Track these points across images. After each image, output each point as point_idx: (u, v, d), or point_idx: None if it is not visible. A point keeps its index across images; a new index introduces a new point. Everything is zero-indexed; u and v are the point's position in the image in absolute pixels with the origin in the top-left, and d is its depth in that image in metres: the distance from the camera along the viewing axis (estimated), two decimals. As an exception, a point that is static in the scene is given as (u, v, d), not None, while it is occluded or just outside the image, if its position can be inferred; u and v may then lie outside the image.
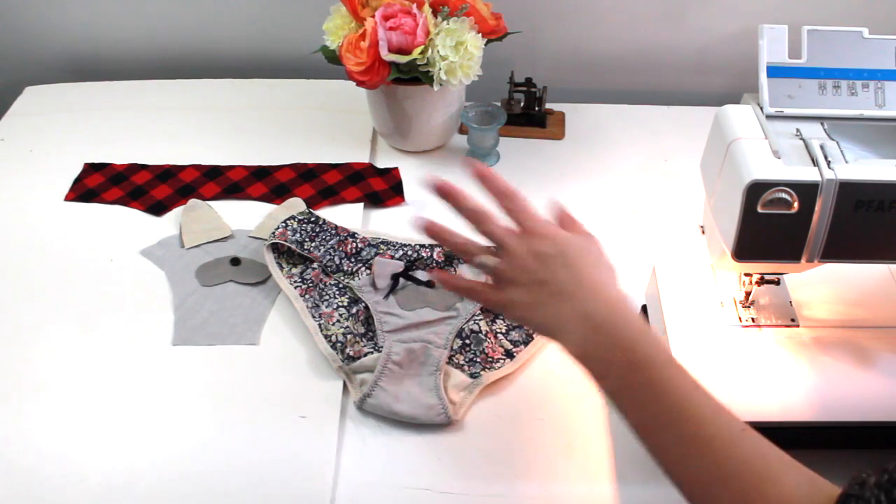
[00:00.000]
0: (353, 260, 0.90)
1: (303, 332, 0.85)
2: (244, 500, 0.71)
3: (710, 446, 0.49)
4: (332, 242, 0.91)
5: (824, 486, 0.47)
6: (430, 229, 0.61)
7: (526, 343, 0.84)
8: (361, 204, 1.01)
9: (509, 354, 0.82)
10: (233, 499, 0.71)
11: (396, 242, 0.92)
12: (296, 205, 0.99)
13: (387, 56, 0.95)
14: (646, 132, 1.15)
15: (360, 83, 0.98)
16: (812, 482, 0.47)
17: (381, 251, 0.91)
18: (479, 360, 0.81)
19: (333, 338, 0.82)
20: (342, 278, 0.89)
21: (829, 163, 0.62)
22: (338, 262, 0.90)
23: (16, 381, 0.81)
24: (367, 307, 0.85)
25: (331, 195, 1.02)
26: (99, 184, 1.05)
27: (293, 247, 0.90)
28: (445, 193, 0.61)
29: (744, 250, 0.65)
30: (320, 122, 1.15)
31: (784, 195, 0.62)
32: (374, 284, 0.87)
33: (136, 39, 1.26)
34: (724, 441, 0.49)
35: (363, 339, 0.82)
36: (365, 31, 0.95)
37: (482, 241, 0.62)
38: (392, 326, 0.83)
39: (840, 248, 0.65)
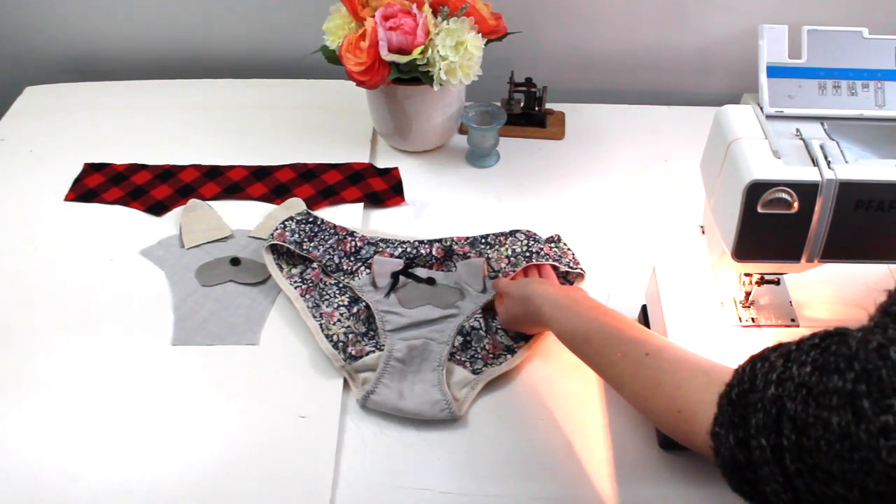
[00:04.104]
0: (352, 259, 0.90)
1: (302, 331, 0.85)
2: (244, 499, 0.71)
3: (643, 362, 0.63)
4: (330, 242, 0.91)
5: (720, 371, 0.56)
6: None
7: (526, 339, 0.84)
8: (361, 204, 1.01)
9: (510, 350, 0.82)
10: (233, 499, 0.71)
11: (395, 240, 0.92)
12: (296, 205, 0.99)
13: (387, 56, 0.95)
14: (646, 132, 1.15)
15: (360, 83, 0.98)
16: (707, 372, 0.57)
17: (380, 249, 0.91)
18: (480, 356, 0.82)
19: (335, 337, 0.82)
20: (342, 278, 0.89)
21: (829, 163, 0.62)
22: (337, 261, 0.90)
23: (16, 380, 0.81)
24: (367, 306, 0.85)
25: (331, 195, 1.02)
26: (99, 184, 1.05)
27: (292, 247, 0.90)
28: None
29: (744, 250, 0.65)
30: (320, 122, 1.15)
31: (784, 195, 0.62)
32: (374, 283, 0.87)
33: (136, 39, 1.26)
34: (652, 356, 0.63)
35: (364, 339, 0.83)
36: (365, 31, 0.95)
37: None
38: (394, 325, 0.83)
39: (840, 248, 0.65)
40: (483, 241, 0.91)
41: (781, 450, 0.46)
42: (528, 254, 0.88)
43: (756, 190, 0.62)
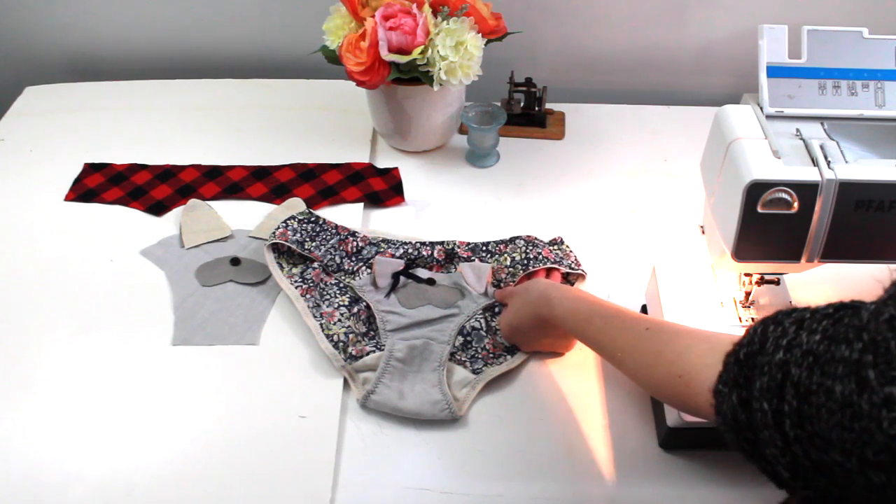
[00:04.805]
0: (353, 259, 0.90)
1: (302, 331, 0.85)
2: (244, 500, 0.71)
3: (644, 335, 0.65)
4: (332, 242, 0.91)
5: (721, 337, 0.57)
6: None
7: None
8: (361, 204, 1.01)
9: (510, 350, 0.82)
10: (233, 499, 0.71)
11: (397, 241, 0.92)
12: (296, 205, 0.99)
13: (387, 56, 0.95)
14: (646, 132, 1.15)
15: (360, 83, 0.98)
16: (707, 340, 0.58)
17: (382, 249, 0.91)
18: (480, 356, 0.82)
19: (335, 337, 0.82)
20: (343, 278, 0.89)
21: (829, 163, 0.62)
22: (338, 261, 0.90)
23: (16, 380, 0.81)
24: (368, 306, 0.85)
25: (331, 195, 1.02)
26: (99, 184, 1.05)
27: (294, 247, 0.90)
28: None
29: (744, 250, 0.65)
30: (320, 122, 1.15)
31: (784, 195, 0.62)
32: (374, 284, 0.87)
33: (136, 39, 1.26)
34: (652, 330, 0.65)
35: (365, 339, 0.83)
36: (365, 31, 0.95)
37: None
38: (395, 325, 0.83)
39: (840, 248, 0.65)
40: (484, 248, 0.91)
41: (782, 415, 0.46)
42: (525, 261, 0.88)
43: (756, 190, 0.62)
